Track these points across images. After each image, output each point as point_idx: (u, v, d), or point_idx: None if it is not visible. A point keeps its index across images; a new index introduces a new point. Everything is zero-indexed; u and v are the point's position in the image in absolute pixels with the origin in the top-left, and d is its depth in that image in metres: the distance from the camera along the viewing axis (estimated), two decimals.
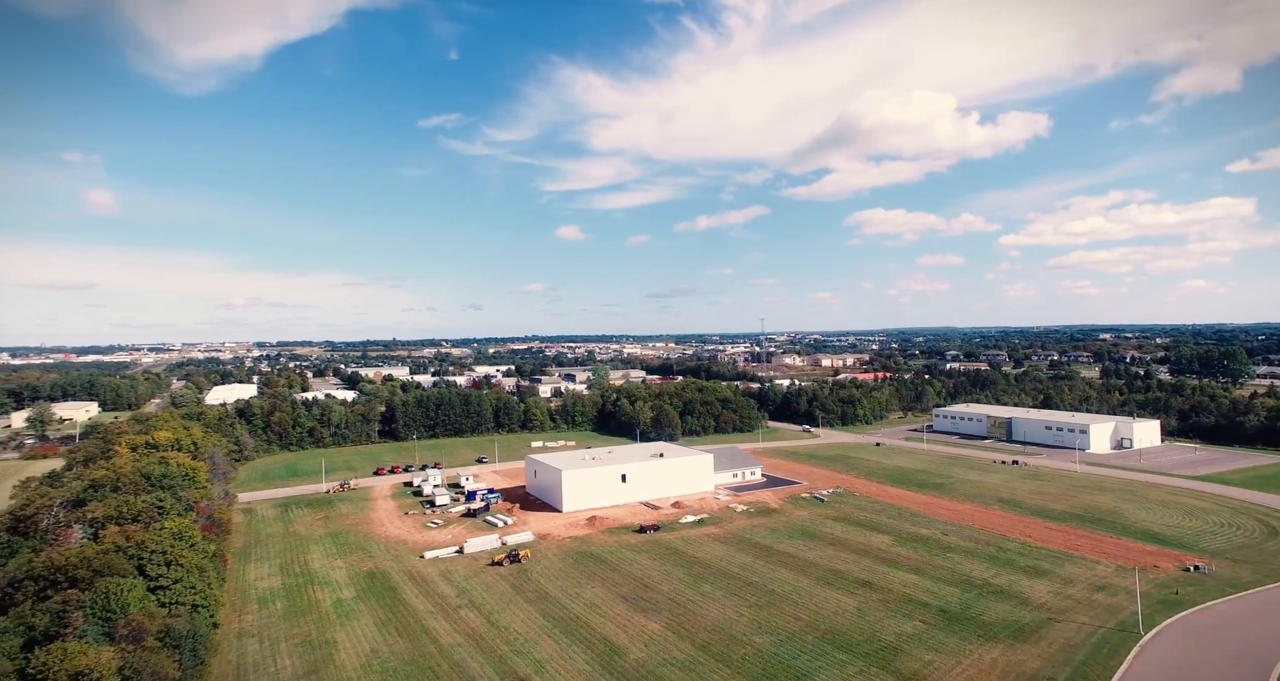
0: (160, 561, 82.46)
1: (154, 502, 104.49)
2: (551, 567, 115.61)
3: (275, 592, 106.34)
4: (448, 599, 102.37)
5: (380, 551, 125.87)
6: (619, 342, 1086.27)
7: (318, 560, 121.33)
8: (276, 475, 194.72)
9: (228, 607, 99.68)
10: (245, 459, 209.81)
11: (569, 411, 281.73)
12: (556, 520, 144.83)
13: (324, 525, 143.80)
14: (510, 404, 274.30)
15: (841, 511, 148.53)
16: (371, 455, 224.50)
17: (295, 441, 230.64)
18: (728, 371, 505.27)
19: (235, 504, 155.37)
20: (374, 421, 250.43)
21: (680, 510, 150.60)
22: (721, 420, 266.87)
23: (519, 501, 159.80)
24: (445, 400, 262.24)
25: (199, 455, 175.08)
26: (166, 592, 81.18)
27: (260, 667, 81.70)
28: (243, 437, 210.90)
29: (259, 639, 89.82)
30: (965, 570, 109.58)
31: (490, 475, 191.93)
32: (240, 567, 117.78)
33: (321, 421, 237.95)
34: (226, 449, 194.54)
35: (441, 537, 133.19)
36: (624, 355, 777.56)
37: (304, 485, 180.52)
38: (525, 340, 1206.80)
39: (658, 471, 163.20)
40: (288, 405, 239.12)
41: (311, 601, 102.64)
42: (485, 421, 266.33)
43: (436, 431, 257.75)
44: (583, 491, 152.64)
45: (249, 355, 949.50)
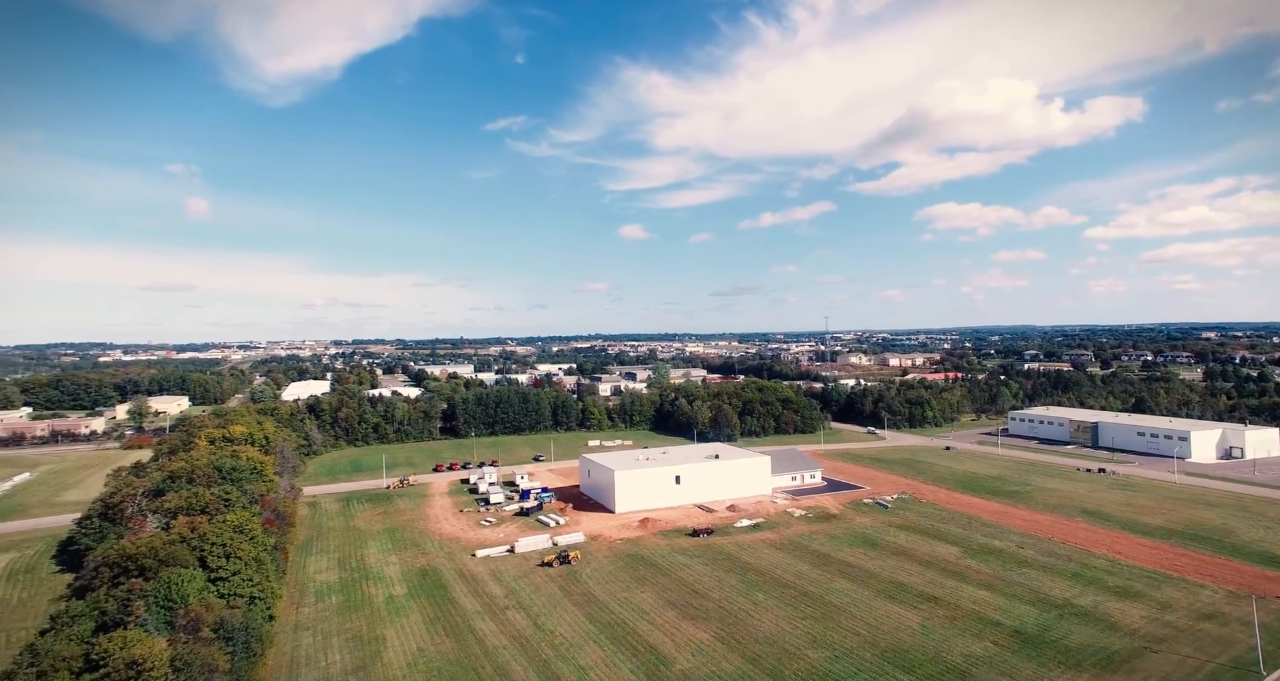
0: (220, 553, 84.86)
1: (221, 495, 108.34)
2: (601, 570, 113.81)
3: (332, 586, 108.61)
4: (496, 599, 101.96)
5: (434, 548, 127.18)
6: (681, 341, 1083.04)
7: (374, 555, 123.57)
8: (341, 470, 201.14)
9: (286, 600, 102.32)
10: (314, 453, 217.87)
11: (627, 410, 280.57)
12: (609, 521, 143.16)
13: (382, 520, 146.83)
14: (568, 402, 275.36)
15: (906, 519, 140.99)
16: (432, 452, 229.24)
17: (361, 437, 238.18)
18: (790, 371, 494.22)
19: (300, 497, 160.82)
20: (436, 418, 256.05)
21: (735, 514, 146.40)
22: (782, 421, 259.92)
23: (572, 501, 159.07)
24: (504, 398, 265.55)
25: (270, 449, 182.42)
26: (226, 584, 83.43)
27: (311, 661, 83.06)
28: (312, 433, 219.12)
29: (313, 632, 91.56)
30: (1044, 587, 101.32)
31: (546, 473, 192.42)
32: (301, 560, 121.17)
33: (386, 418, 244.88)
34: (296, 443, 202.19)
35: (494, 536, 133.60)
36: (686, 354, 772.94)
37: (366, 480, 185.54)
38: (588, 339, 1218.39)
39: (713, 473, 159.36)
40: (354, 401, 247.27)
41: (365, 597, 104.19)
42: (543, 419, 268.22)
43: (496, 429, 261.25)
44: (636, 492, 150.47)
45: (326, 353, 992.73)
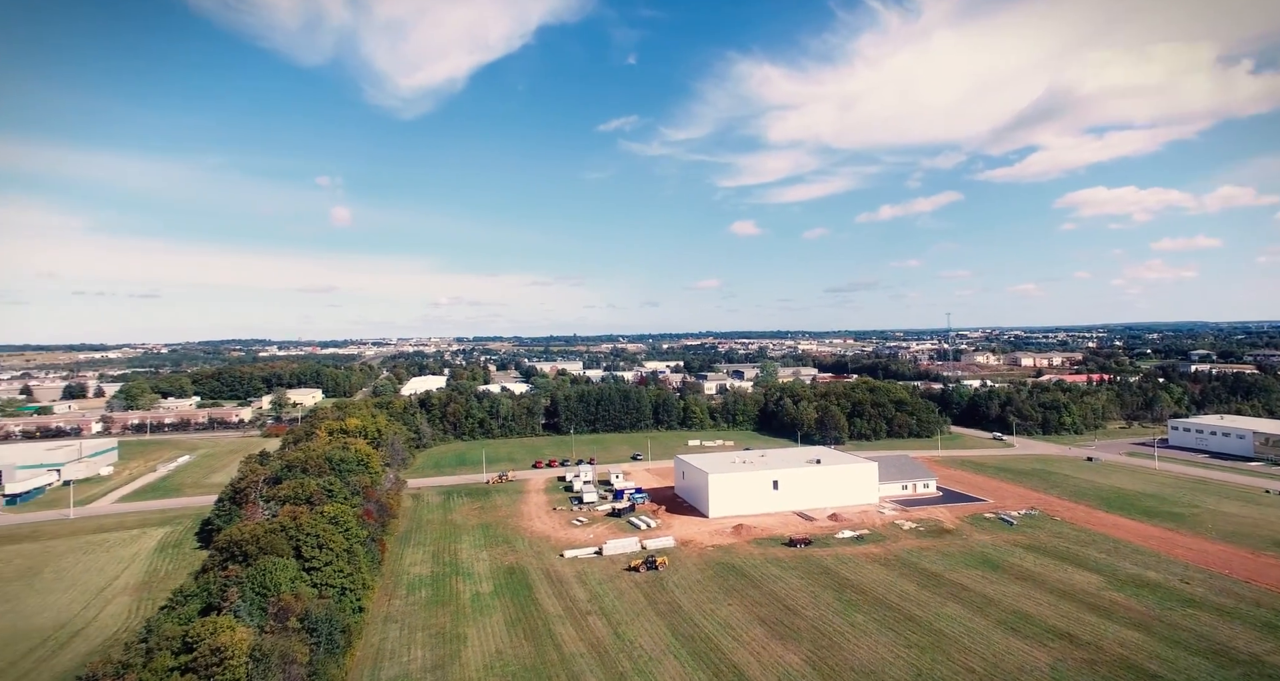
0: (313, 544, 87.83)
1: (325, 486, 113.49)
2: (689, 578, 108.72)
3: (423, 580, 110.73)
4: (579, 603, 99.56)
5: (523, 546, 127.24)
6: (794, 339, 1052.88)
7: (466, 550, 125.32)
8: (447, 463, 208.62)
9: (379, 591, 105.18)
10: (423, 446, 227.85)
11: (730, 410, 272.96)
12: (701, 526, 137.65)
13: (478, 515, 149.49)
14: (669, 400, 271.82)
15: (1036, 538, 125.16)
16: (533, 448, 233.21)
17: (467, 431, 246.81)
18: (908, 370, 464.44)
19: (405, 489, 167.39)
20: (539, 415, 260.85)
21: (837, 523, 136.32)
22: (895, 424, 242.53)
23: (666, 503, 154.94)
24: (605, 396, 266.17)
25: (381, 442, 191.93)
26: (318, 574, 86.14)
27: (394, 656, 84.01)
28: (422, 426, 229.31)
29: (400, 626, 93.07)
30: (1219, 635, 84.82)
31: (643, 473, 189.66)
32: (399, 552, 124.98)
33: (491, 413, 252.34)
34: (406, 437, 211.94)
35: (583, 536, 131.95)
36: (798, 352, 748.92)
37: (469, 474, 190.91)
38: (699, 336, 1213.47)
39: (813, 479, 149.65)
40: (463, 397, 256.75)
41: (453, 592, 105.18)
42: (644, 418, 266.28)
43: (597, 426, 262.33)
44: (730, 496, 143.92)
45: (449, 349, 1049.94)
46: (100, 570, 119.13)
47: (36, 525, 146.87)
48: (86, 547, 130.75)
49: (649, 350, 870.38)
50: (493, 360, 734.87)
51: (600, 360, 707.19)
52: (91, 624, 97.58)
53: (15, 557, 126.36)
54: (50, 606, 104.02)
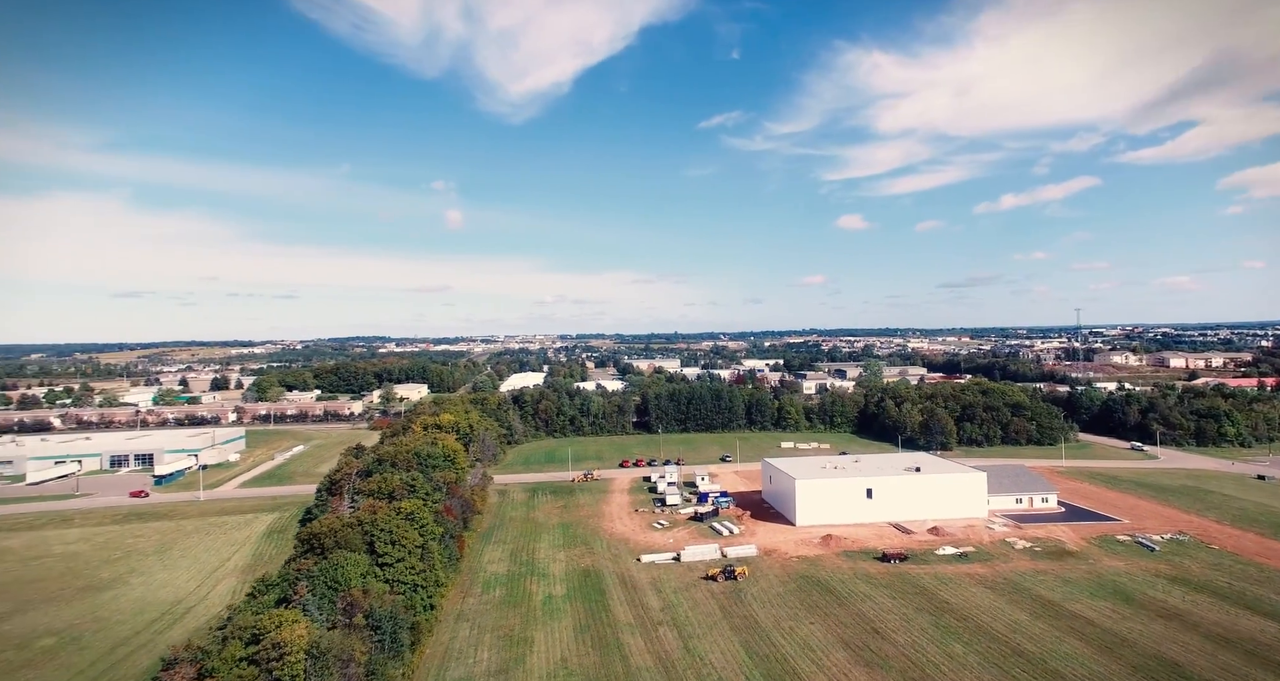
0: (386, 539, 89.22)
1: (407, 482, 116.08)
2: (769, 591, 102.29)
3: (499, 579, 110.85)
4: (651, 612, 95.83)
5: (601, 548, 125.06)
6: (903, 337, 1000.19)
7: (544, 550, 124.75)
8: (536, 460, 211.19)
9: (456, 588, 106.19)
10: (515, 442, 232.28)
11: (827, 411, 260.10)
12: (787, 534, 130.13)
13: (560, 514, 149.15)
14: (763, 400, 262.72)
15: (1184, 568, 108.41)
16: (622, 446, 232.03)
17: (558, 428, 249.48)
18: (1030, 371, 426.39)
19: (492, 485, 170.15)
20: (629, 413, 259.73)
21: (938, 538, 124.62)
22: (1011, 429, 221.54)
23: (752, 508, 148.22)
24: (696, 394, 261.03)
25: (473, 438, 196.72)
26: (390, 570, 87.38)
27: (462, 657, 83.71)
28: (514, 423, 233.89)
29: (471, 625, 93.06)
30: None
31: (730, 475, 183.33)
32: (479, 548, 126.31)
33: (582, 411, 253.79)
34: (497, 433, 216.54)
35: (662, 540, 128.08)
36: (906, 350, 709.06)
37: (555, 472, 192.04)
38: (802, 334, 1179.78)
39: (913, 488, 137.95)
40: (554, 394, 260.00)
41: (526, 593, 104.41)
42: (736, 418, 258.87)
43: (688, 425, 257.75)
44: (819, 504, 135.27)
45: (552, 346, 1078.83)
46: (216, 550, 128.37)
47: (174, 505, 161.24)
48: (208, 528, 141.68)
49: (750, 348, 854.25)
50: (593, 357, 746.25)
51: (699, 358, 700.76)
52: (202, 602, 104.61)
53: (154, 533, 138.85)
54: (172, 582, 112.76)
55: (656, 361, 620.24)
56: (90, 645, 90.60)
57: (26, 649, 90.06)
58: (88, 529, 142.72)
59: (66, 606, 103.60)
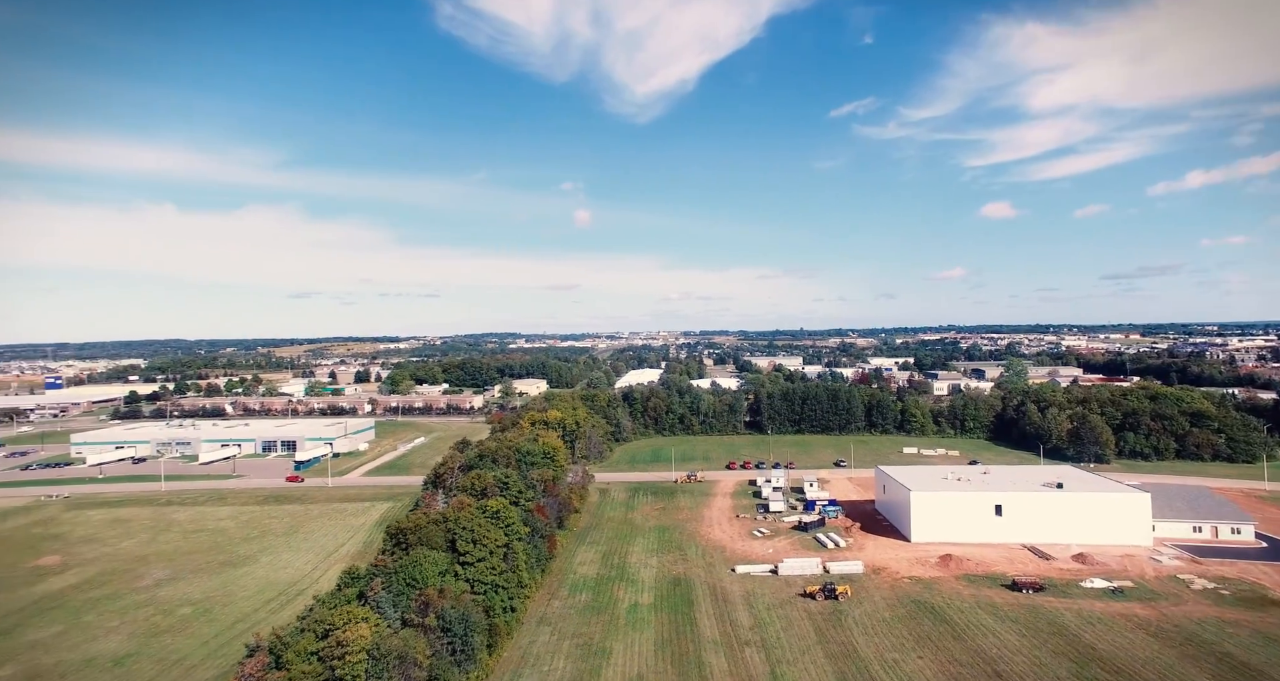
0: (468, 538, 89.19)
1: (500, 479, 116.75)
2: (873, 615, 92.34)
3: (587, 582, 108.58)
4: (739, 629, 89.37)
5: (695, 555, 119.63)
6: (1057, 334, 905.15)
7: (636, 554, 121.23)
8: (641, 459, 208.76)
9: (543, 589, 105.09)
10: (623, 440, 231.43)
11: (957, 414, 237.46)
12: (899, 551, 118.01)
13: (658, 516, 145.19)
14: (884, 402, 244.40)
15: None
16: (731, 447, 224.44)
17: (668, 427, 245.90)
18: (1219, 373, 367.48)
19: (593, 483, 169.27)
20: (740, 412, 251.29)
21: (1086, 567, 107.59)
22: (1189, 442, 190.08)
23: (863, 520, 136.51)
24: (811, 394, 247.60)
25: (579, 435, 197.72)
26: (471, 569, 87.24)
27: (537, 663, 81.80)
28: (622, 420, 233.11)
29: (552, 629, 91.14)
30: None
31: (843, 482, 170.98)
32: (571, 549, 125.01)
33: (692, 409, 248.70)
34: (605, 430, 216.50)
35: (760, 550, 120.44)
36: (1059, 349, 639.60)
37: (660, 471, 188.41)
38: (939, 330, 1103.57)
39: (1054, 506, 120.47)
40: (664, 392, 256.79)
41: (612, 599, 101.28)
42: (855, 420, 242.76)
43: (802, 427, 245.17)
44: (938, 519, 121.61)
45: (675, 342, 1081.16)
46: (334, 535, 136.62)
47: (307, 490, 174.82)
48: (331, 514, 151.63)
49: (879, 345, 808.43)
50: (713, 354, 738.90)
51: (822, 355, 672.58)
52: (313, 585, 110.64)
53: (286, 516, 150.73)
54: (293, 564, 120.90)
55: (777, 359, 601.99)
56: (217, 618, 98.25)
57: (170, 615, 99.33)
58: (236, 507, 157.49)
59: (207, 578, 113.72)
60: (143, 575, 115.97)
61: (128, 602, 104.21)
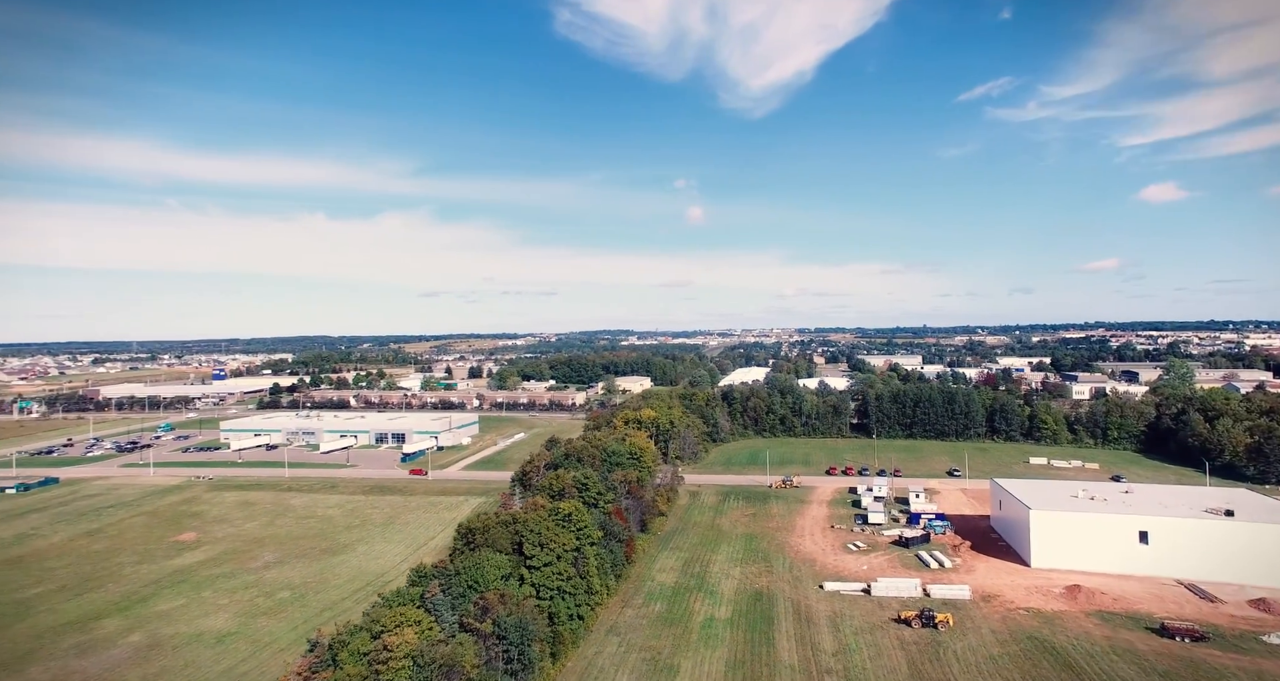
0: (535, 541, 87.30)
1: (579, 480, 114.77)
2: (978, 650, 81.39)
3: (664, 591, 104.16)
4: (821, 655, 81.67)
5: (782, 568, 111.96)
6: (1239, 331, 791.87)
7: (719, 563, 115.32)
8: (737, 461, 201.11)
9: (617, 596, 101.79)
10: (720, 440, 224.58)
11: (1099, 422, 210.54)
12: (1016, 577, 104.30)
13: (747, 523, 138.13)
14: (1009, 406, 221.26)
15: None
16: (834, 451, 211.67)
17: (768, 428, 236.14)
18: None
19: (683, 486, 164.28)
20: (846, 414, 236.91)
21: (1269, 617, 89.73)
22: None
23: (975, 538, 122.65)
24: (924, 397, 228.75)
25: (672, 435, 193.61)
26: (537, 574, 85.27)
27: (599, 677, 78.49)
28: (720, 420, 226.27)
29: (621, 640, 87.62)
30: None
31: (955, 494, 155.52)
32: (652, 554, 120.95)
33: (794, 410, 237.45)
34: (701, 430, 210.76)
35: (854, 566, 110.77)
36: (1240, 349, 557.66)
37: (755, 475, 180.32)
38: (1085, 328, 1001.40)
39: (1220, 536, 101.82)
40: (764, 391, 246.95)
41: (687, 611, 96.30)
42: (974, 425, 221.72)
43: (914, 431, 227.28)
44: (1065, 543, 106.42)
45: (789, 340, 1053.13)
46: (426, 528, 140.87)
47: (409, 481, 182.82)
48: (427, 506, 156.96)
49: (1012, 344, 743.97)
50: (828, 352, 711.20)
51: (945, 354, 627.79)
52: (399, 577, 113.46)
53: (387, 506, 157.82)
54: (385, 554, 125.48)
55: (894, 357, 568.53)
56: (309, 604, 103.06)
57: (271, 597, 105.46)
58: (344, 496, 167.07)
59: (308, 564, 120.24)
60: (256, 556, 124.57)
61: (238, 582, 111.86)
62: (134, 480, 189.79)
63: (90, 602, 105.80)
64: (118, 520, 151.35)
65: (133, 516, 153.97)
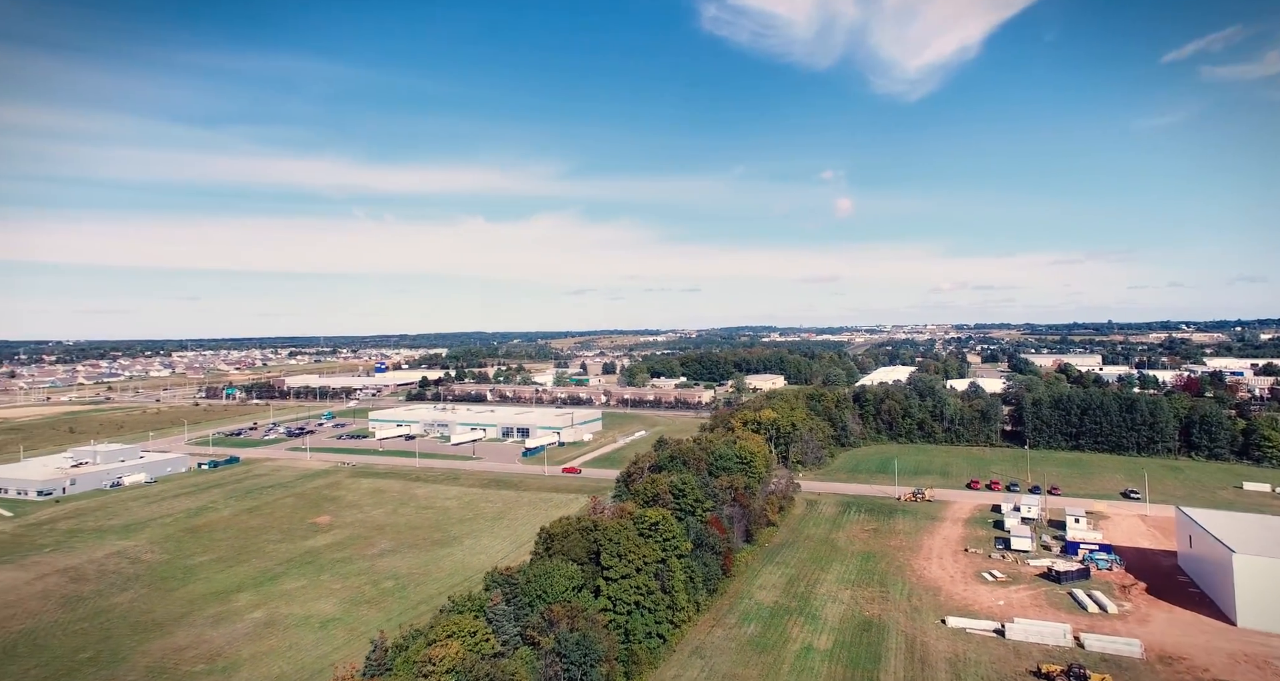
0: (613, 551, 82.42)
1: (675, 486, 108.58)
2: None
3: (761, 611, 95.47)
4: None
5: (899, 594, 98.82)
6: None
7: (827, 584, 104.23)
8: (865, 468, 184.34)
9: (710, 613, 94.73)
10: (849, 445, 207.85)
11: None
12: (1213, 637, 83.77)
13: (867, 540, 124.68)
14: (1213, 417, 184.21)
15: None
16: (980, 462, 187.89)
17: (904, 433, 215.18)
18: None
19: (799, 493, 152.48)
20: (996, 421, 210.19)
21: None
22: None
23: (1152, 579, 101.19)
24: (1094, 403, 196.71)
25: (793, 438, 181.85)
26: (614, 586, 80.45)
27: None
28: (849, 424, 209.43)
29: (705, 666, 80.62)
30: None
31: (1129, 521, 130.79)
32: (755, 568, 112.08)
33: (934, 415, 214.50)
34: (826, 434, 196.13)
35: (987, 600, 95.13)
36: None
37: (883, 485, 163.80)
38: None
39: None
40: (900, 393, 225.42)
41: (783, 637, 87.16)
42: (1164, 438, 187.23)
43: (1081, 443, 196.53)
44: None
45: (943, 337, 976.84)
46: (532, 525, 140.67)
47: (526, 476, 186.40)
48: (538, 502, 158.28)
49: (1229, 342, 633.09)
50: (988, 351, 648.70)
51: (1133, 354, 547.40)
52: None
53: (500, 501, 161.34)
54: (488, 549, 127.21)
55: (1066, 357, 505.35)
56: (409, 596, 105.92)
57: (376, 586, 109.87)
58: (463, 488, 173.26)
59: (417, 555, 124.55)
60: (374, 543, 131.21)
61: (353, 568, 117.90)
62: (294, 463, 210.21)
63: (235, 575, 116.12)
64: (274, 499, 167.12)
65: (285, 497, 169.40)
